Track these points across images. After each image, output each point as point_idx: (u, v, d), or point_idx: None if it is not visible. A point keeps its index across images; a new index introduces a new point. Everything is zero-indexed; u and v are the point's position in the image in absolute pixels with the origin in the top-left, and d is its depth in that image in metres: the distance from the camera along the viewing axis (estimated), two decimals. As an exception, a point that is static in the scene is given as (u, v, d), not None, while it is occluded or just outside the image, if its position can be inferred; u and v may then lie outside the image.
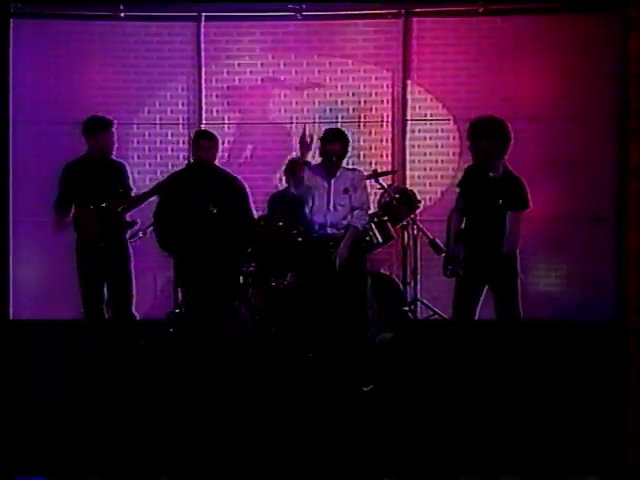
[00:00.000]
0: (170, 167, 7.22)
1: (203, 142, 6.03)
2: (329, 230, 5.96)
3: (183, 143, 7.39)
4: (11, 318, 6.71)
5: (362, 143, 7.31)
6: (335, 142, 6.00)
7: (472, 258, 5.36)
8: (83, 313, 6.16)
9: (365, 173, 6.38)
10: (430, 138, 7.31)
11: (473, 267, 5.34)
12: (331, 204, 5.99)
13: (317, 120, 7.35)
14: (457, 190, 5.75)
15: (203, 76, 7.35)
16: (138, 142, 7.31)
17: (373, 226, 6.43)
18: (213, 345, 5.77)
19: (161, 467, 4.34)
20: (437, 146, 7.31)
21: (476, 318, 5.58)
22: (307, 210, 6.03)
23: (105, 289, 6.25)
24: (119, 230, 6.21)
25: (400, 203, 6.68)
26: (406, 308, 6.83)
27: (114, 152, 6.42)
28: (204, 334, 5.83)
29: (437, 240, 6.46)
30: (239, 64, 7.38)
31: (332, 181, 5.99)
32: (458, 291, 5.46)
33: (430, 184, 7.29)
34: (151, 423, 4.65)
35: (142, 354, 5.52)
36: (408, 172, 7.31)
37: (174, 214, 5.92)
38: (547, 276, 7.00)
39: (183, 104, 7.41)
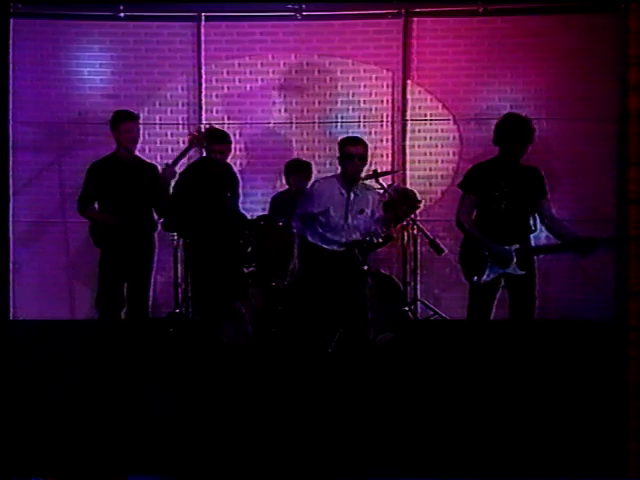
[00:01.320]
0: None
1: (217, 147, 6.06)
2: (336, 247, 5.92)
3: (183, 143, 7.37)
4: (11, 318, 6.75)
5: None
6: (359, 144, 5.95)
7: (521, 253, 5.26)
8: (99, 312, 6.06)
9: (365, 173, 6.38)
10: (430, 138, 7.32)
11: (522, 262, 5.24)
12: (348, 222, 5.95)
13: (317, 120, 7.37)
14: (462, 191, 5.59)
15: (203, 76, 7.35)
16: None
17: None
18: (214, 344, 5.78)
19: (160, 467, 4.34)
20: (437, 146, 7.32)
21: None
22: (322, 223, 5.95)
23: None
24: (145, 233, 6.08)
25: (400, 203, 6.68)
26: (406, 308, 6.83)
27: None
28: (206, 333, 5.84)
29: (437, 240, 6.46)
30: (239, 64, 7.39)
31: (351, 196, 5.94)
32: (479, 291, 5.34)
33: (430, 184, 7.30)
34: (151, 423, 4.65)
35: (149, 352, 5.53)
36: (408, 172, 7.32)
37: (190, 203, 5.93)
38: (547, 275, 7.00)
39: (183, 104, 7.42)
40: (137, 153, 5.96)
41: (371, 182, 6.25)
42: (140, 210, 5.83)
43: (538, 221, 5.40)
